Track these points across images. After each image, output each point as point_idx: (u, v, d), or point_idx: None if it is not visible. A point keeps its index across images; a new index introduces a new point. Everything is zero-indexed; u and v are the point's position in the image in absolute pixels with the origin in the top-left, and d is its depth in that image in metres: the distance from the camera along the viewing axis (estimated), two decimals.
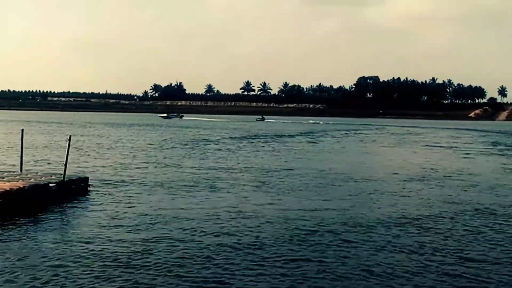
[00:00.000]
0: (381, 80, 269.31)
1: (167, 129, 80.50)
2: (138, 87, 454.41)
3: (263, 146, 46.04)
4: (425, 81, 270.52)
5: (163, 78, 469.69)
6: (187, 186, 21.15)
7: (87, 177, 20.43)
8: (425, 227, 14.60)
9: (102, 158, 32.31)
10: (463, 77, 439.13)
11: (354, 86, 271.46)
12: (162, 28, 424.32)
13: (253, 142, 51.02)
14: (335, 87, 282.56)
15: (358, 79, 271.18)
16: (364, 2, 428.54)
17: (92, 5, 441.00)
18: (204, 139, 55.59)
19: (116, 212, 15.60)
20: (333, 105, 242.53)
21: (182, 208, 16.45)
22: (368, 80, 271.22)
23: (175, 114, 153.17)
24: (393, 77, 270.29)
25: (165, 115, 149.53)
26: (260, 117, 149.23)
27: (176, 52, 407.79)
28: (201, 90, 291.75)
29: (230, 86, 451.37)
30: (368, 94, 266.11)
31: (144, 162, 30.36)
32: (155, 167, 28.20)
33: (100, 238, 12.51)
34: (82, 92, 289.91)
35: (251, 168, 27.89)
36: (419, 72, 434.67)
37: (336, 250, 12.06)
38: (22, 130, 20.45)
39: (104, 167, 27.41)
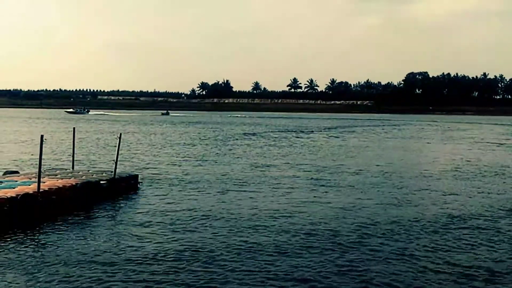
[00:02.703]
0: (430, 76, 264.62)
1: (204, 126, 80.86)
2: (185, 85, 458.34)
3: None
4: (476, 76, 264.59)
5: (210, 76, 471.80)
6: (235, 183, 21.18)
7: (137, 175, 20.67)
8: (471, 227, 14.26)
9: (150, 155, 32.68)
10: None
11: (402, 82, 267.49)
12: (207, 27, 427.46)
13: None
14: (383, 83, 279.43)
15: (406, 75, 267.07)
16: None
17: (138, 7, 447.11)
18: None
19: (165, 209, 15.70)
20: (381, 101, 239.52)
21: (231, 206, 16.46)
22: (417, 76, 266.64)
23: (81, 109, 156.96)
24: (443, 73, 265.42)
25: (71, 110, 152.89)
26: (165, 111, 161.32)
27: (222, 50, 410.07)
28: (248, 88, 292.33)
29: (277, 84, 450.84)
30: (417, 90, 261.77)
31: (192, 159, 30.58)
32: (203, 163, 28.37)
33: (149, 236, 12.59)
34: (131, 90, 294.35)
35: (297, 166, 27.76)
36: (470, 67, 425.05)
37: (387, 250, 11.86)
38: (74, 128, 20.80)
39: (153, 164, 27.71)
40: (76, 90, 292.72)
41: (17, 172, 19.90)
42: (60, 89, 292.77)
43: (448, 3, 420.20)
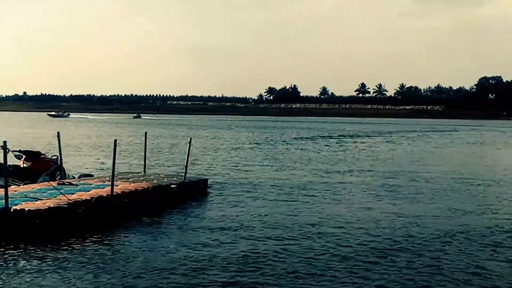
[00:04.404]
0: (504, 81, 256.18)
1: (270, 130, 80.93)
2: (253, 90, 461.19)
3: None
4: None
5: (277, 81, 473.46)
6: (302, 188, 21.10)
7: (206, 179, 20.90)
8: None
9: (219, 159, 33.02)
10: None
11: (474, 87, 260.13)
12: (275, 31, 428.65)
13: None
14: (454, 88, 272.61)
15: (479, 80, 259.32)
16: (479, 1, 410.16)
17: (206, 11, 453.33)
18: None
19: (235, 214, 15.77)
20: (453, 106, 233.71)
21: (298, 212, 16.36)
22: (490, 81, 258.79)
23: (62, 112, 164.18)
24: None
25: (53, 113, 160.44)
26: (136, 114, 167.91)
27: (290, 54, 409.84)
28: (315, 93, 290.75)
29: (344, 88, 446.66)
30: (490, 95, 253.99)
31: (261, 163, 30.72)
32: (272, 167, 28.45)
33: (218, 242, 12.61)
34: (199, 96, 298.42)
35: (364, 171, 27.40)
36: None
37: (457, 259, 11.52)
38: (146, 133, 21.19)
39: (221, 168, 27.97)
40: (146, 95, 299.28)
41: (91, 175, 20.50)
42: (131, 94, 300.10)
43: None
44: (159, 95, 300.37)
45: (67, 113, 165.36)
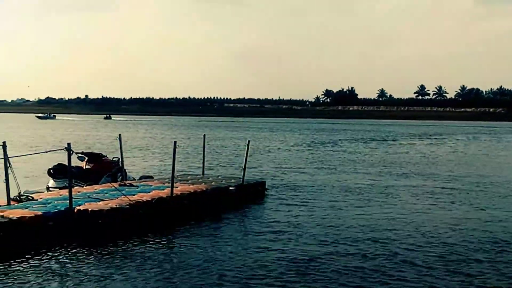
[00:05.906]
0: None
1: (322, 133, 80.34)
2: (310, 92, 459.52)
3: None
4: None
5: (335, 83, 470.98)
6: (362, 192, 20.87)
7: (264, 181, 20.93)
8: None
9: (276, 161, 33.03)
10: None
11: None
12: (332, 33, 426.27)
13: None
14: None
15: None
16: None
17: (263, 14, 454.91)
18: None
19: (292, 217, 15.70)
20: None
21: (356, 215, 16.17)
22: None
23: (48, 114, 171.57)
24: None
25: (40, 115, 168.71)
26: (107, 115, 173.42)
27: (347, 56, 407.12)
28: (373, 95, 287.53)
29: (403, 90, 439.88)
30: None
31: (318, 165, 30.58)
32: (328, 170, 28.31)
33: (276, 244, 12.55)
34: (256, 98, 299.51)
35: (425, 174, 26.89)
36: None
37: None
38: (204, 135, 21.37)
39: (279, 170, 27.97)
40: (204, 98, 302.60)
41: (151, 177, 20.83)
42: (189, 97, 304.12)
43: None
44: (216, 97, 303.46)
45: (53, 114, 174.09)
